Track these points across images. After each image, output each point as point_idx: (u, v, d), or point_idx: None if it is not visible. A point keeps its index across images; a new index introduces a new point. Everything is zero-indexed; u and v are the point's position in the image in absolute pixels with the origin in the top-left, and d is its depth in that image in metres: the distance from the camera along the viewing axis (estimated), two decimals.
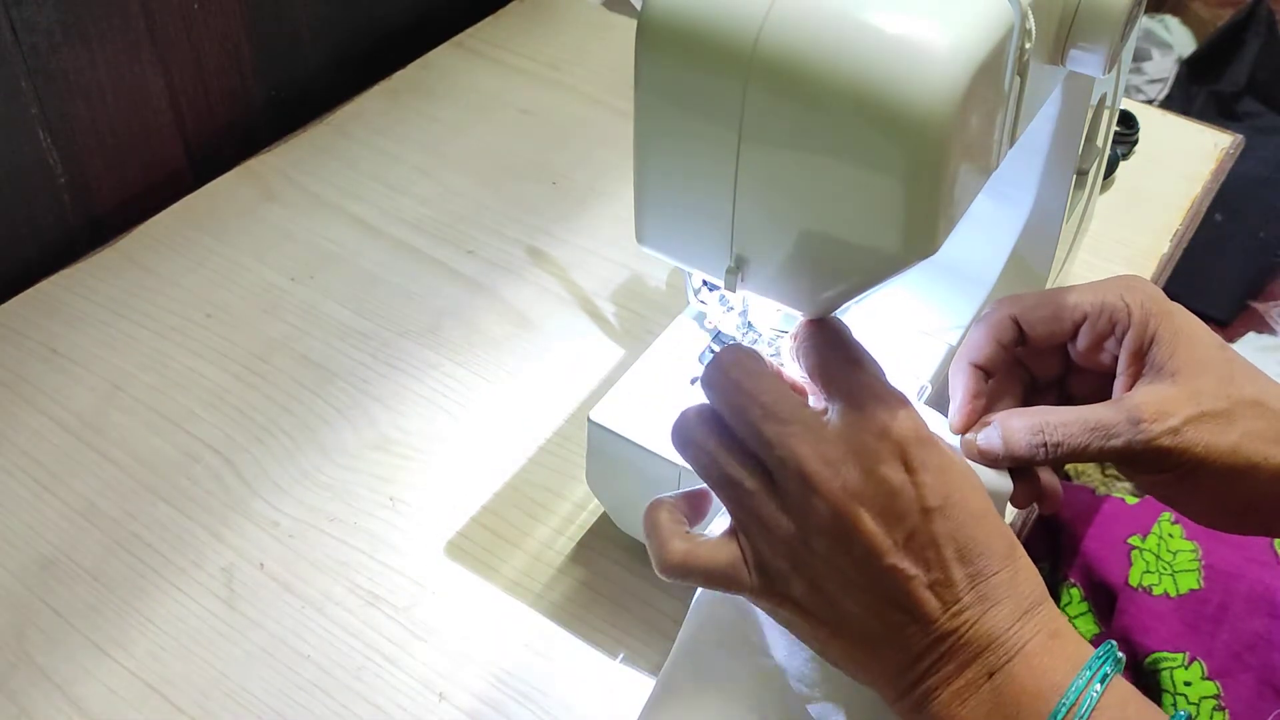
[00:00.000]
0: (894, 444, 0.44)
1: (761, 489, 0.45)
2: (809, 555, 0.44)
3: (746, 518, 0.45)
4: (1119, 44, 0.52)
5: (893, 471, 0.44)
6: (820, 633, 0.45)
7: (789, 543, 0.44)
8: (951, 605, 0.43)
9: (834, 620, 0.44)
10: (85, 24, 0.78)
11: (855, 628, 0.44)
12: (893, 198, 0.44)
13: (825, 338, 0.49)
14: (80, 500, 0.67)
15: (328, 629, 0.61)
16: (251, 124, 0.94)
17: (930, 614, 0.43)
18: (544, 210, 0.87)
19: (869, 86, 0.42)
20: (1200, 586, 0.65)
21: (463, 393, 0.74)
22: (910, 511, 0.44)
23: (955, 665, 0.43)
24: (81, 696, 0.58)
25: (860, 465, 0.44)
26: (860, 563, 0.44)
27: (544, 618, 0.62)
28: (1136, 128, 0.94)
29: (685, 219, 0.51)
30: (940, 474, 0.45)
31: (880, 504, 0.44)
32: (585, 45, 1.05)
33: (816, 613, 0.44)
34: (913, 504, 0.44)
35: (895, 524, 0.44)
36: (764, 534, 0.45)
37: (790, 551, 0.44)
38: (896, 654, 0.44)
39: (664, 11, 0.45)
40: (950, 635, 0.43)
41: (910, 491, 0.44)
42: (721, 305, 0.60)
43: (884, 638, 0.44)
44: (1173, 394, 0.49)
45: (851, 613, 0.44)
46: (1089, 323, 0.51)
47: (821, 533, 0.44)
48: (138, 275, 0.81)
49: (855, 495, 0.44)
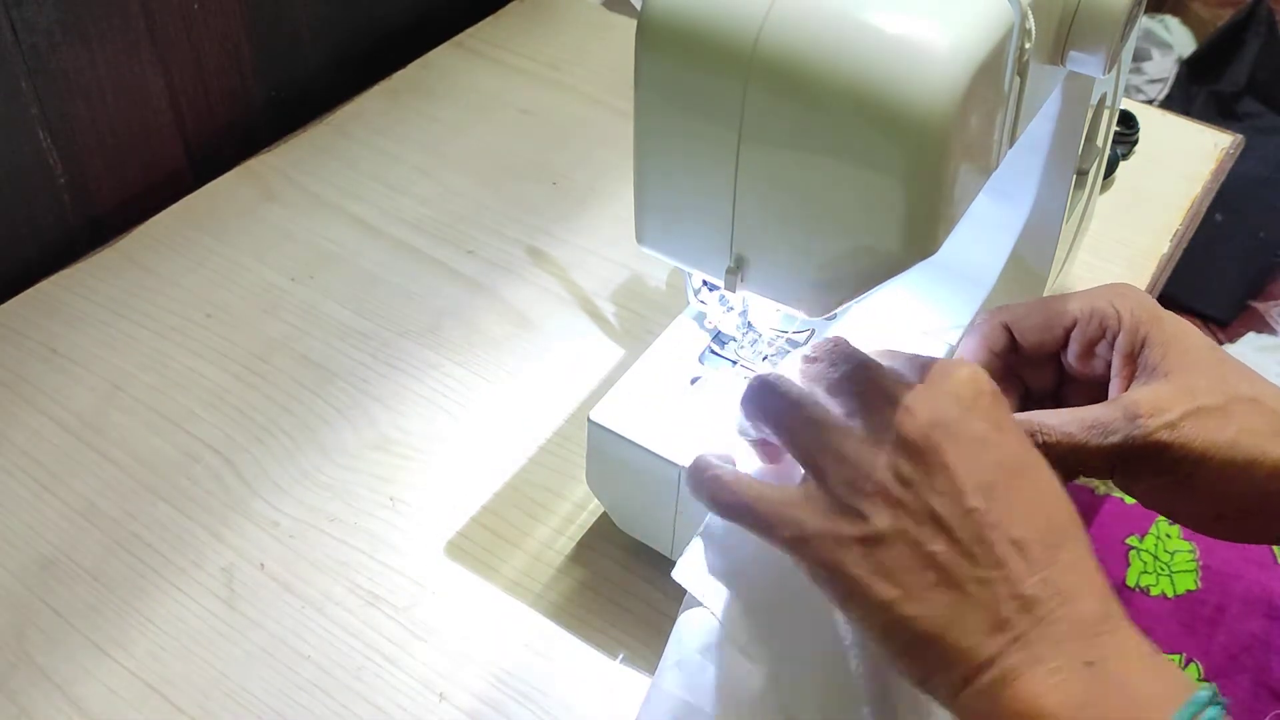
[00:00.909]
0: (980, 397, 0.44)
1: (846, 425, 0.44)
2: (894, 485, 0.42)
3: (826, 457, 0.43)
4: (1119, 44, 0.52)
5: (978, 420, 0.43)
6: (890, 595, 0.42)
7: (871, 472, 0.42)
8: (1038, 569, 0.41)
9: (909, 574, 0.42)
10: (85, 24, 0.78)
11: (933, 582, 0.41)
12: (893, 198, 0.44)
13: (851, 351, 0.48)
14: (80, 500, 0.67)
15: (328, 629, 0.61)
16: (251, 124, 0.94)
17: (1015, 571, 0.41)
18: (544, 210, 0.87)
19: (869, 86, 0.42)
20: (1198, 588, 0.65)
21: (463, 393, 0.74)
22: (992, 465, 0.43)
23: (1048, 644, 0.40)
24: (81, 696, 0.58)
25: (949, 402, 0.43)
26: (945, 493, 0.42)
27: (544, 618, 0.62)
28: (1136, 128, 0.94)
29: (685, 219, 0.51)
30: (1018, 437, 0.44)
31: (967, 444, 0.43)
32: (585, 45, 1.05)
33: (892, 564, 0.42)
34: (995, 456, 0.43)
35: (976, 470, 0.42)
36: (845, 469, 0.43)
37: (872, 483, 0.42)
38: (977, 617, 0.41)
39: (664, 11, 0.45)
40: (1039, 603, 0.41)
41: (995, 445, 0.43)
42: (721, 305, 0.60)
43: (963, 598, 0.41)
44: (1168, 391, 0.48)
45: (933, 561, 0.42)
46: (1079, 328, 0.51)
47: (908, 456, 0.42)
48: (138, 275, 0.81)
49: (943, 425, 0.43)
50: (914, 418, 0.43)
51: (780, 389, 0.46)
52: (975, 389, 0.45)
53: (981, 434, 0.43)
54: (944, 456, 0.42)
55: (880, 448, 0.43)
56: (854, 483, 0.43)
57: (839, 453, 0.43)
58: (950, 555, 0.42)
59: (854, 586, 0.42)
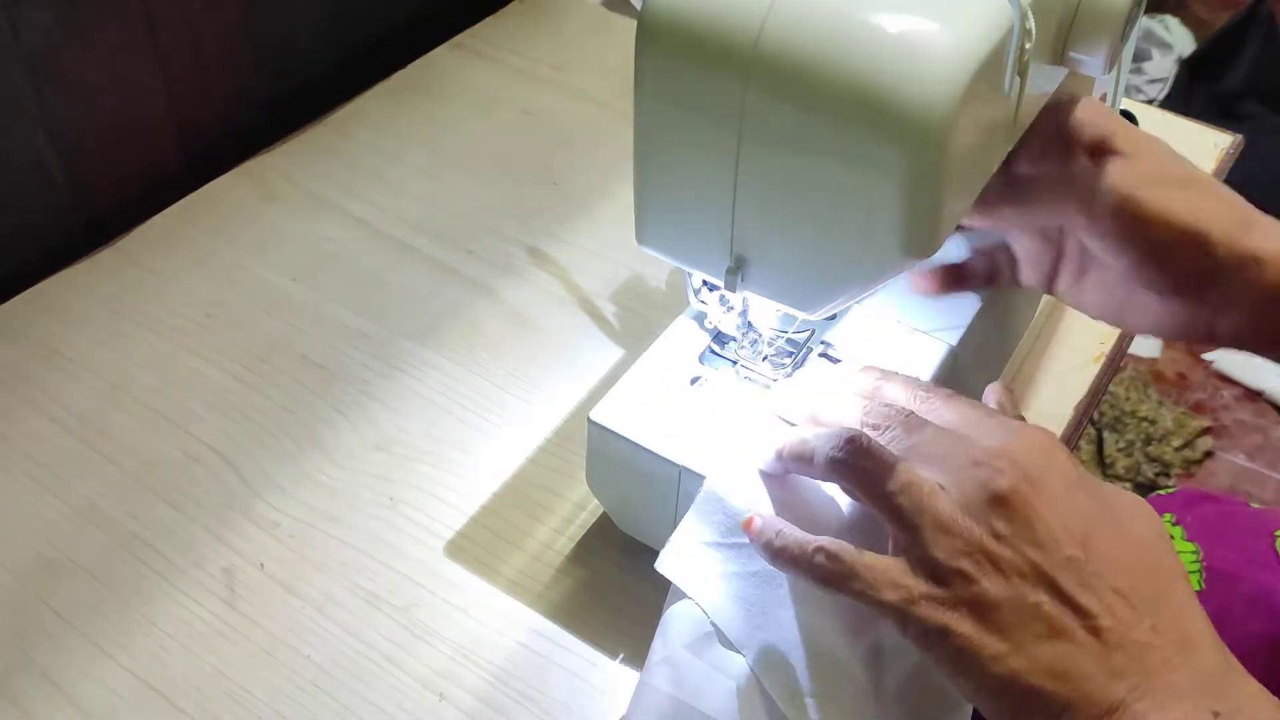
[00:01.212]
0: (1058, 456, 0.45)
1: (939, 490, 0.44)
2: (992, 543, 0.43)
3: (924, 521, 0.44)
4: (1119, 44, 0.52)
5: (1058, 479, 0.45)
6: (999, 649, 0.42)
7: (969, 535, 0.43)
8: (1146, 616, 0.42)
9: (1017, 629, 0.42)
10: (85, 24, 0.78)
11: (1042, 634, 0.42)
12: (892, 198, 0.44)
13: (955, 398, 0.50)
14: (81, 501, 0.67)
15: (328, 629, 0.61)
16: (251, 124, 0.94)
17: (1123, 619, 0.41)
18: (544, 210, 0.87)
19: (869, 87, 0.42)
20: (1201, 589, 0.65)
21: (463, 393, 0.74)
22: (1084, 516, 0.44)
23: (1171, 693, 0.40)
24: (82, 697, 0.58)
25: (1030, 458, 0.45)
26: (1042, 545, 0.43)
27: (544, 618, 0.62)
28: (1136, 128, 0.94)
29: (685, 220, 0.51)
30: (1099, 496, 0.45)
31: (1054, 498, 0.44)
32: (585, 45, 1.05)
33: (999, 620, 0.42)
34: (1082, 511, 0.44)
35: (1070, 521, 0.43)
36: (943, 536, 0.43)
37: (971, 544, 0.43)
38: (1091, 666, 0.41)
39: (664, 11, 0.45)
40: (1152, 651, 0.41)
41: (1080, 501, 0.44)
42: (721, 305, 0.60)
43: (1074, 648, 0.41)
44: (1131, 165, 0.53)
45: (1039, 613, 0.42)
46: None
47: (1000, 512, 0.43)
48: (138, 275, 0.81)
49: (1028, 480, 0.44)
50: (1003, 474, 0.44)
51: (874, 452, 0.46)
52: (1051, 447, 0.46)
53: (1067, 488, 0.44)
54: (1037, 509, 0.43)
55: (974, 508, 0.44)
56: (955, 546, 0.43)
57: (937, 516, 0.44)
58: (1054, 606, 0.42)
59: (964, 645, 0.42)
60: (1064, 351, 0.77)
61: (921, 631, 0.43)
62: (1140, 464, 1.72)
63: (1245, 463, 1.76)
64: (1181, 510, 0.70)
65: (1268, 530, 0.65)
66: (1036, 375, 0.75)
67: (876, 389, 0.52)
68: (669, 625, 0.52)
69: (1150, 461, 1.72)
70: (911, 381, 0.51)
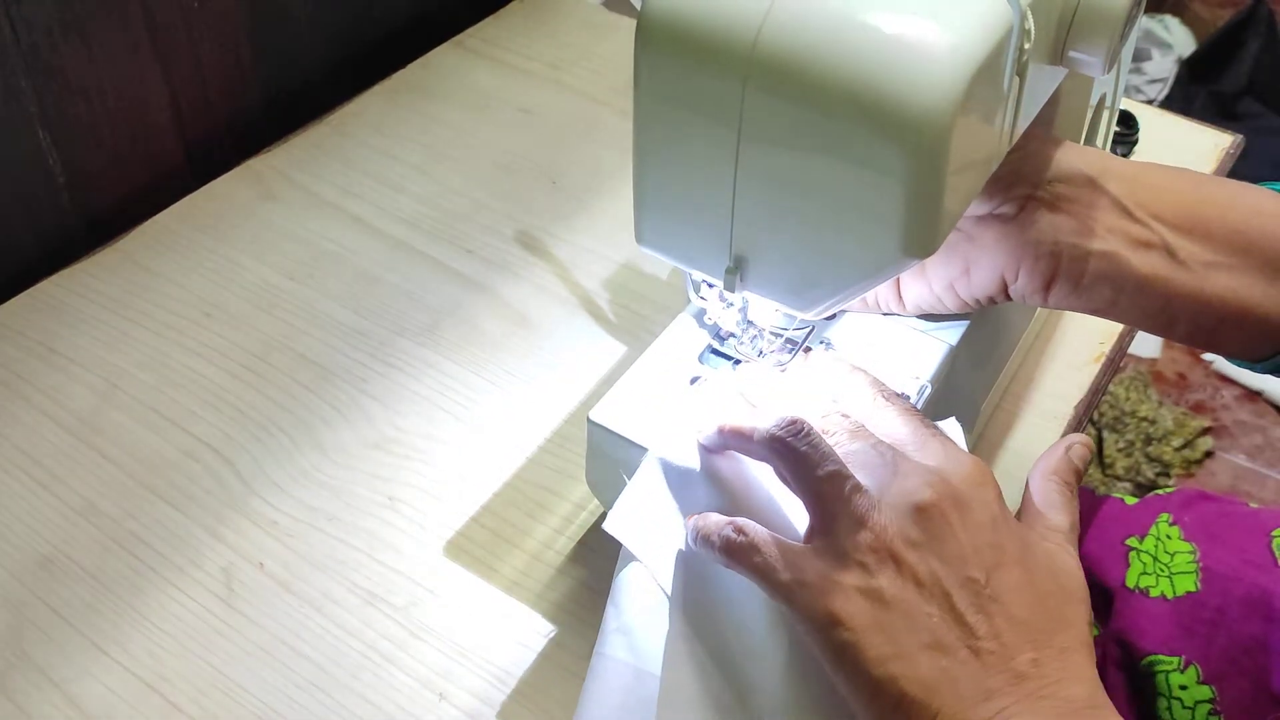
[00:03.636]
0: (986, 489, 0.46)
1: (862, 486, 0.45)
2: (901, 546, 0.44)
3: (842, 510, 0.45)
4: (1118, 44, 0.52)
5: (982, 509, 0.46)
6: (882, 651, 0.42)
7: (881, 533, 0.44)
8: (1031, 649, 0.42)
9: (903, 634, 0.42)
10: (85, 24, 0.78)
11: (925, 644, 0.42)
12: (892, 198, 0.44)
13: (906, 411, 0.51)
14: (79, 499, 0.67)
15: (327, 628, 0.61)
16: (251, 124, 0.94)
17: (1009, 646, 0.42)
18: (543, 210, 0.87)
19: (869, 87, 0.42)
20: (1197, 589, 0.65)
21: (462, 392, 0.74)
22: (998, 548, 0.45)
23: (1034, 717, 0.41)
24: (80, 695, 0.58)
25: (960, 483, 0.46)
26: (948, 560, 0.44)
27: (544, 618, 0.62)
28: (1136, 128, 0.94)
29: (684, 219, 0.51)
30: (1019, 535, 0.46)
31: (973, 522, 0.45)
32: (585, 45, 1.05)
33: (888, 621, 0.43)
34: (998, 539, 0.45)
35: (983, 548, 0.44)
36: (856, 527, 0.44)
37: (881, 543, 0.44)
38: (966, 684, 0.42)
39: (664, 11, 0.45)
40: (1028, 680, 0.42)
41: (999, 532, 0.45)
42: (721, 302, 0.60)
43: (954, 664, 0.42)
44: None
45: (928, 623, 0.43)
46: None
47: (917, 521, 0.44)
48: (137, 275, 0.81)
49: (953, 498, 0.45)
50: (929, 489, 0.45)
51: (812, 439, 0.47)
52: (984, 481, 0.47)
53: (990, 519, 0.45)
54: (953, 527, 0.44)
55: (894, 512, 0.45)
56: (863, 539, 0.44)
57: (854, 510, 0.45)
58: (944, 620, 0.43)
59: (849, 639, 0.43)
60: (1064, 351, 0.77)
61: (809, 614, 0.44)
62: (1140, 464, 1.72)
63: (1245, 463, 1.76)
64: (1179, 510, 0.70)
65: (1265, 531, 0.65)
66: (1036, 375, 0.75)
67: (836, 392, 0.53)
68: (620, 591, 0.52)
69: (1150, 461, 1.72)
70: (873, 385, 0.52)
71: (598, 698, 0.52)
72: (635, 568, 0.52)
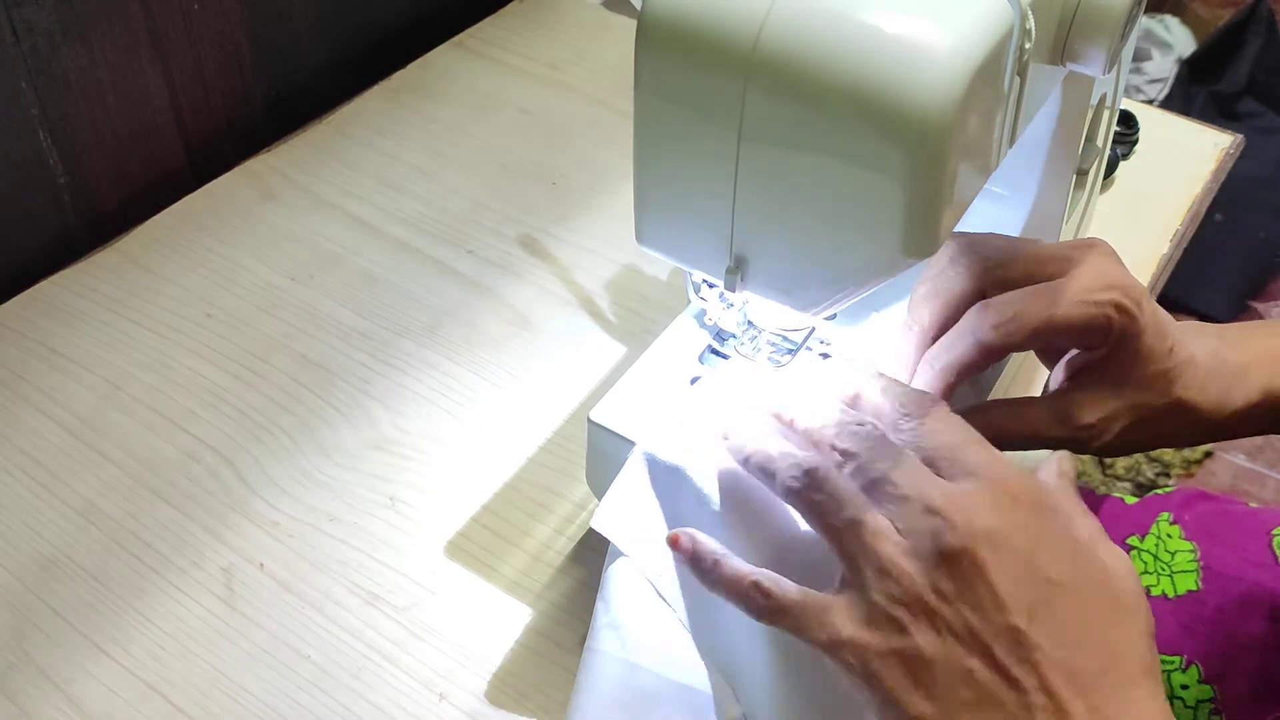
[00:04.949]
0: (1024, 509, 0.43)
1: (887, 530, 0.43)
2: (932, 598, 0.42)
3: (866, 563, 0.43)
4: (1119, 44, 0.52)
5: (1022, 536, 0.42)
6: (924, 710, 0.41)
7: (910, 585, 0.42)
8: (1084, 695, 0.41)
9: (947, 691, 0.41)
10: (85, 24, 0.78)
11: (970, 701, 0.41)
12: (893, 198, 0.44)
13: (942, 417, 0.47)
14: (80, 500, 0.67)
15: (327, 629, 0.61)
16: (251, 124, 0.94)
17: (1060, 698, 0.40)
18: (544, 210, 0.87)
19: (869, 87, 0.42)
20: (1198, 588, 0.65)
21: (463, 393, 0.74)
22: (1038, 582, 0.42)
23: None
24: (81, 696, 0.58)
25: (994, 515, 0.42)
26: (985, 611, 0.41)
27: (544, 618, 0.62)
28: (1136, 128, 0.94)
29: (685, 219, 0.51)
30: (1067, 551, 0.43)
31: (1010, 560, 0.42)
32: (585, 45, 1.05)
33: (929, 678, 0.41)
34: (1041, 572, 0.42)
35: (1020, 588, 0.42)
36: (883, 579, 0.42)
37: (910, 595, 0.42)
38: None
39: (664, 11, 0.45)
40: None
41: (1041, 560, 0.42)
42: (721, 302, 0.60)
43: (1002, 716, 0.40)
44: (1112, 408, 0.52)
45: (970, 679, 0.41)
46: (1070, 335, 0.52)
47: (947, 570, 0.42)
48: (138, 275, 0.81)
49: (986, 538, 0.42)
50: (955, 530, 0.42)
51: (828, 487, 0.45)
52: (1018, 499, 0.44)
53: (1026, 547, 0.42)
54: (985, 572, 0.42)
55: (921, 558, 0.42)
56: (893, 593, 0.42)
57: (879, 561, 0.42)
58: (988, 675, 0.41)
59: (888, 696, 0.42)
60: None
61: (848, 671, 0.43)
62: (1140, 464, 1.72)
63: (1245, 463, 1.76)
64: (1179, 509, 0.69)
65: (1265, 530, 0.65)
66: (1037, 376, 0.75)
67: (858, 396, 0.49)
68: (609, 586, 0.52)
69: (1150, 461, 1.72)
70: (899, 391, 0.48)
71: (590, 692, 0.52)
72: (624, 563, 0.52)
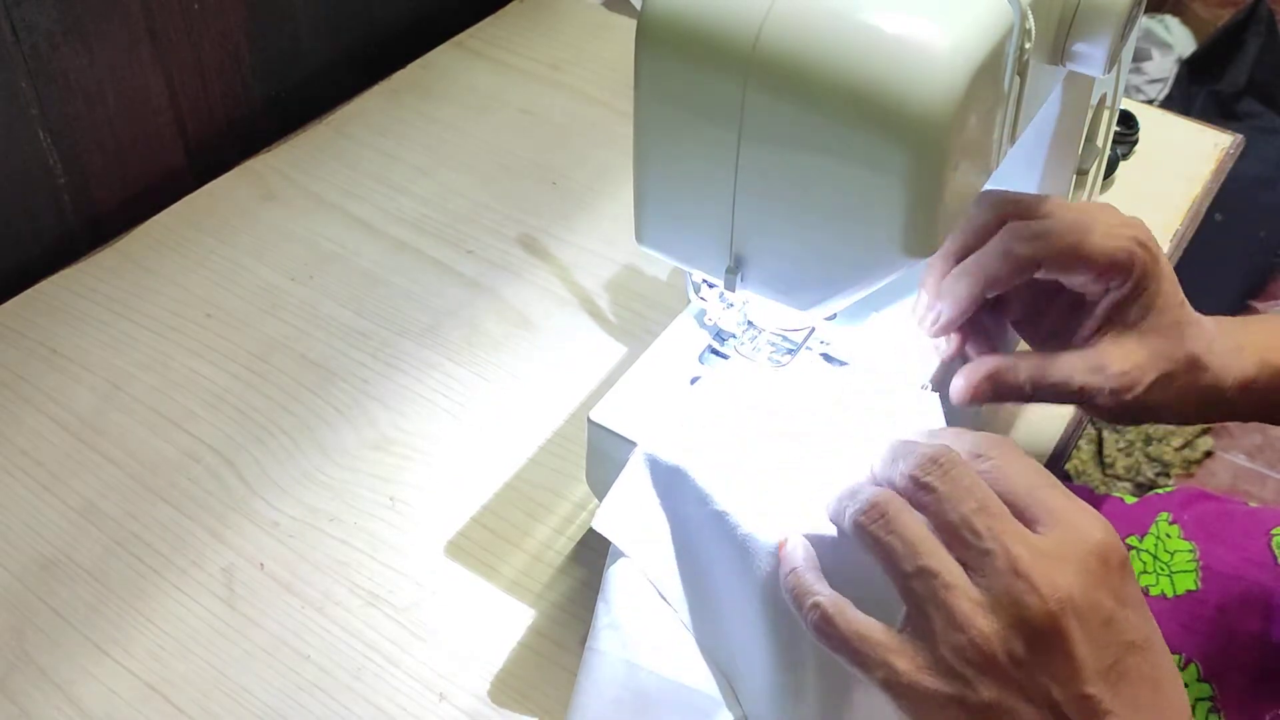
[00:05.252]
0: (1109, 570, 0.42)
1: (962, 583, 0.42)
2: (1004, 660, 0.41)
3: (936, 613, 0.42)
4: (1119, 44, 0.52)
5: (1106, 597, 0.42)
6: None
7: (983, 644, 0.41)
8: None
9: None
10: (85, 24, 0.78)
11: None
12: (892, 198, 0.44)
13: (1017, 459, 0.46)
14: (80, 500, 0.67)
15: (328, 629, 0.61)
16: (251, 124, 0.94)
17: None
18: (544, 210, 0.87)
19: (869, 87, 0.42)
20: (1197, 588, 0.65)
21: (463, 393, 0.74)
22: (1116, 642, 0.42)
23: None
24: (81, 696, 0.58)
25: (1079, 578, 0.41)
26: (1060, 679, 0.41)
27: (544, 618, 0.62)
28: (1136, 128, 0.94)
29: (685, 219, 0.51)
30: (1142, 610, 0.43)
31: (1093, 625, 0.41)
32: (585, 45, 1.05)
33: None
34: (1120, 635, 0.42)
35: (1099, 654, 0.41)
36: (953, 632, 0.41)
37: (981, 654, 0.41)
38: None
39: (664, 11, 0.45)
40: None
41: (1121, 622, 0.42)
42: (721, 302, 0.60)
43: None
44: (1141, 358, 0.54)
45: None
46: (1096, 275, 0.54)
47: (1025, 637, 0.41)
48: (138, 275, 0.81)
49: (1070, 605, 0.41)
50: (1040, 598, 0.41)
51: (896, 527, 0.43)
52: (1104, 558, 0.43)
53: (1108, 613, 0.42)
54: (1068, 644, 0.41)
55: (997, 617, 0.41)
56: (962, 649, 0.41)
57: (951, 613, 0.42)
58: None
59: None
60: None
61: (904, 713, 0.42)
62: (1140, 464, 1.72)
63: (1245, 463, 1.76)
64: (1179, 509, 0.69)
65: (1265, 530, 0.65)
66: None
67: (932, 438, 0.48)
68: (610, 586, 0.52)
69: (1150, 461, 1.72)
70: (971, 436, 0.47)
71: (591, 692, 0.52)
72: (625, 563, 0.52)
